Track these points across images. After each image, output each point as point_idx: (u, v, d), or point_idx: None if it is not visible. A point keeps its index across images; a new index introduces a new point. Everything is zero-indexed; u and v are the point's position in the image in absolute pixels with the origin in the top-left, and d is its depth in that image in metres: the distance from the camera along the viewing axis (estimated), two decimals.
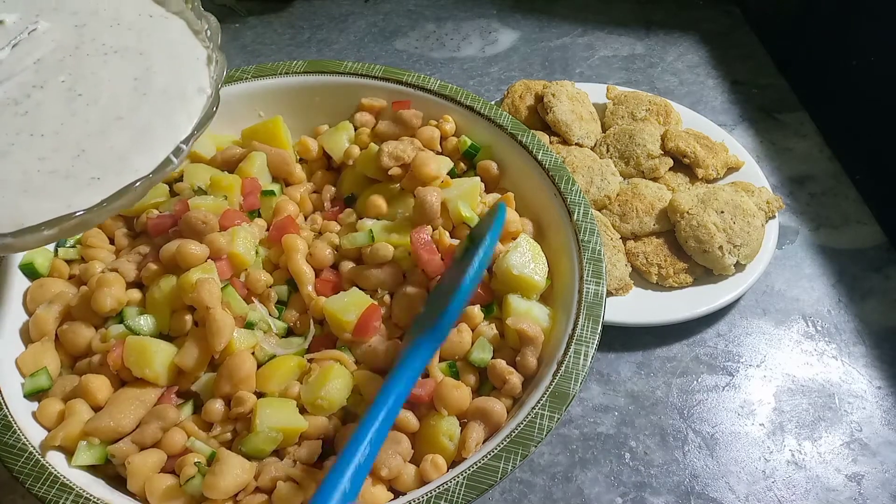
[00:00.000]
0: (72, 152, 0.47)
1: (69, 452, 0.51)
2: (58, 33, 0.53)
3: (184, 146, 0.49)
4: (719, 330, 0.80)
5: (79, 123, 0.49)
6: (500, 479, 0.49)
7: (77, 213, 0.44)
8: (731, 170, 0.91)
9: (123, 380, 0.55)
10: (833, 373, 0.77)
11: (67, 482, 0.48)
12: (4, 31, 0.53)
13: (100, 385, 0.53)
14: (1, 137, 0.47)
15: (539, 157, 0.67)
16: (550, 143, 0.90)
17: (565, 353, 0.55)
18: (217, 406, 0.53)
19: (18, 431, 0.50)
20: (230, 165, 0.69)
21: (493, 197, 0.68)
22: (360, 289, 0.60)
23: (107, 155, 0.47)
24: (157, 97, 0.51)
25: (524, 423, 0.51)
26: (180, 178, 0.67)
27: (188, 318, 0.56)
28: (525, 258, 0.61)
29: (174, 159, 0.48)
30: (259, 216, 0.67)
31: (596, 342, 0.56)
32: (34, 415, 0.53)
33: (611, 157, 0.89)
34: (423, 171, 0.63)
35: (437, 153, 0.69)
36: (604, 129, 0.94)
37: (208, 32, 0.56)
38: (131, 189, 0.46)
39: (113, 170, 0.47)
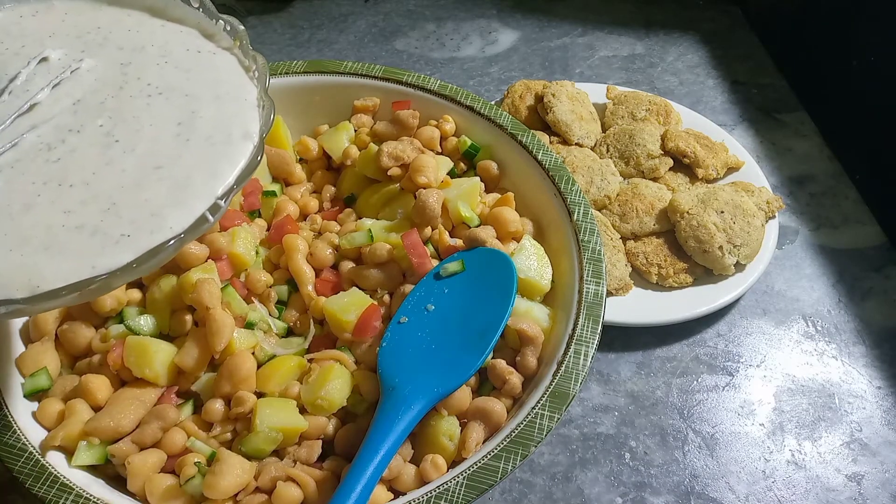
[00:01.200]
0: (101, 205, 0.43)
1: (69, 452, 0.51)
2: (101, 71, 0.49)
3: (222, 203, 0.44)
4: (719, 330, 0.80)
5: (113, 173, 0.44)
6: (500, 479, 0.49)
7: (100, 277, 0.40)
8: (731, 170, 0.91)
9: (123, 380, 0.55)
10: (833, 373, 0.77)
11: (67, 482, 0.48)
12: (47, 69, 0.49)
13: (100, 385, 0.53)
14: (28, 187, 0.43)
15: (539, 157, 0.67)
16: (550, 143, 0.90)
17: (565, 353, 0.55)
18: (217, 406, 0.53)
19: (18, 431, 0.50)
20: None
21: (493, 197, 0.68)
22: (359, 288, 0.60)
23: (140, 209, 0.43)
24: (201, 144, 0.46)
25: (524, 423, 0.51)
26: None
27: (188, 318, 0.56)
28: (530, 261, 0.61)
29: (210, 217, 0.43)
30: (259, 216, 0.67)
31: (596, 342, 0.56)
32: (34, 415, 0.53)
33: (611, 157, 0.89)
34: (416, 179, 0.63)
35: (437, 153, 0.69)
36: (604, 129, 0.94)
37: (256, 73, 0.52)
38: (163, 249, 0.41)
39: (145, 227, 0.42)
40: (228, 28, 0.53)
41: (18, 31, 0.51)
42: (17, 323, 0.58)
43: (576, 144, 0.89)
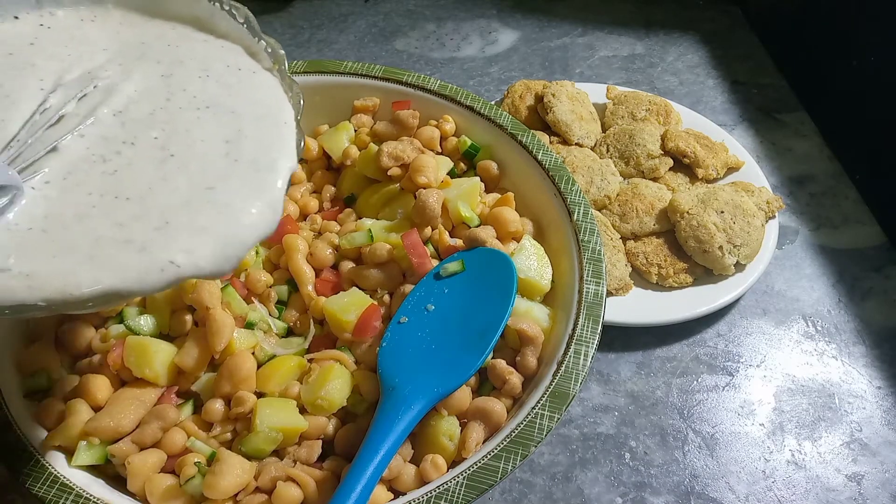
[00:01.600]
0: (154, 222, 0.41)
1: (69, 452, 0.51)
2: (141, 83, 0.48)
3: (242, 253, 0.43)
4: (719, 330, 0.80)
5: (168, 190, 0.43)
6: (500, 479, 0.49)
7: (122, 293, 0.39)
8: (731, 170, 0.91)
9: (123, 380, 0.55)
10: (833, 373, 0.77)
11: (67, 482, 0.48)
12: (79, 82, 0.47)
13: (100, 385, 0.53)
14: (83, 198, 0.42)
15: (539, 157, 0.67)
16: (550, 143, 0.90)
17: (565, 353, 0.55)
18: (217, 406, 0.53)
19: (18, 431, 0.50)
20: None
21: (493, 197, 0.68)
22: (359, 288, 0.60)
23: (193, 236, 0.41)
24: (247, 168, 0.44)
25: (524, 423, 0.51)
26: None
27: (188, 318, 0.56)
28: (530, 261, 0.61)
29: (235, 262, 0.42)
30: None
31: (596, 342, 0.56)
32: (34, 415, 0.53)
33: (611, 157, 0.89)
34: (416, 179, 0.63)
35: (437, 153, 0.69)
36: (604, 129, 0.94)
37: (291, 100, 0.50)
38: (182, 279, 0.41)
39: (191, 257, 0.40)
40: (269, 50, 0.52)
41: (82, 36, 0.50)
42: (18, 323, 0.58)
43: (576, 144, 0.89)
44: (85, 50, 0.49)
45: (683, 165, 0.89)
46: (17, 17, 0.50)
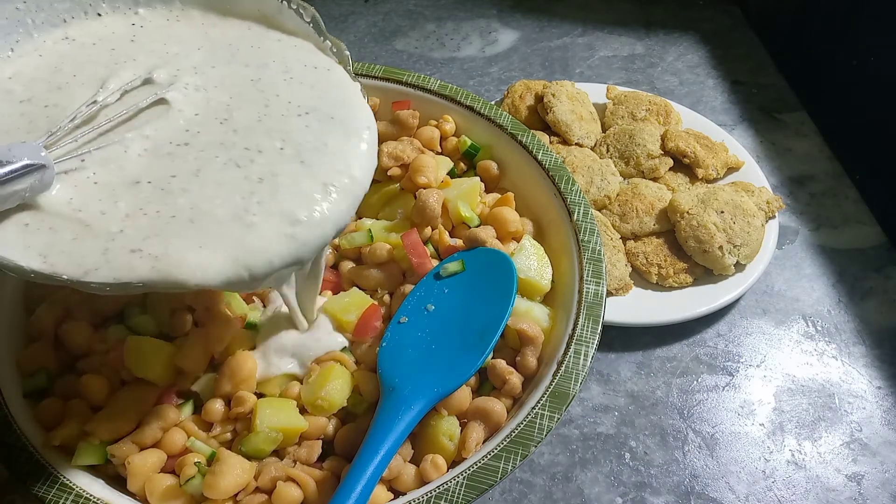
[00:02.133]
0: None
1: (69, 452, 0.51)
2: (234, 88, 0.48)
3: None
4: (719, 330, 0.80)
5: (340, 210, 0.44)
6: (500, 479, 0.49)
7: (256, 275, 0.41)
8: (731, 170, 0.91)
9: (123, 380, 0.55)
10: (833, 373, 0.77)
11: (67, 482, 0.48)
12: (152, 87, 0.47)
13: (100, 385, 0.53)
14: (236, 199, 0.42)
15: (539, 157, 0.67)
16: (550, 143, 0.90)
17: (565, 353, 0.55)
18: (217, 406, 0.53)
19: (18, 431, 0.50)
20: None
21: (493, 197, 0.68)
22: (359, 288, 0.60)
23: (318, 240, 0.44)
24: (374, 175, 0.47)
25: (524, 423, 0.51)
26: None
27: (188, 318, 0.56)
28: (530, 261, 0.61)
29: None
30: None
31: (596, 342, 0.56)
32: (34, 415, 0.53)
33: (611, 157, 0.89)
34: (416, 179, 0.63)
35: (437, 153, 0.69)
36: (604, 129, 0.94)
37: None
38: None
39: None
40: (335, 50, 0.52)
41: (176, 35, 0.50)
42: (17, 323, 0.58)
43: (576, 144, 0.89)
44: (181, 50, 0.50)
45: (683, 165, 0.89)
46: (99, 14, 0.50)
